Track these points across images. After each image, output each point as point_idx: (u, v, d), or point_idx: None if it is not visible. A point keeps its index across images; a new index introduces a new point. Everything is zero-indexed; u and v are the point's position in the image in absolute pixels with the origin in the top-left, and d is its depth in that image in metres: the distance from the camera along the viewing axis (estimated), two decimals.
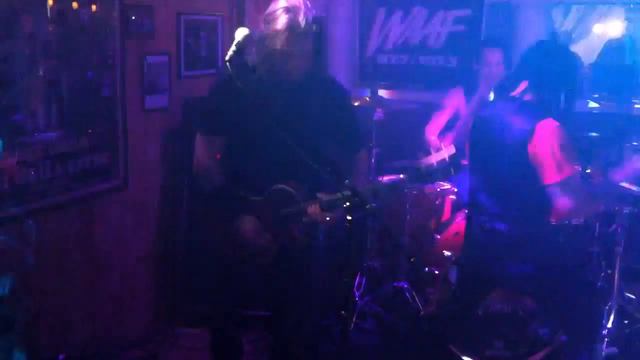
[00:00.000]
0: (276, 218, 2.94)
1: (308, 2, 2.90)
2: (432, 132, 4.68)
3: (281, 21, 2.80)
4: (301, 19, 2.80)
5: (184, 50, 3.94)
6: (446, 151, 2.59)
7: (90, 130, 3.37)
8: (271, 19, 2.83)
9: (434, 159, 2.62)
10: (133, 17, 3.54)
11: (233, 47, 2.70)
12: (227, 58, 2.66)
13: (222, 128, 3.02)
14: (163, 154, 3.88)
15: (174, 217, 3.96)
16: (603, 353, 3.78)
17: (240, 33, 2.80)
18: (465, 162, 4.61)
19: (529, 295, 3.62)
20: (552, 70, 3.05)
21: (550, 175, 2.93)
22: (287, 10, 2.81)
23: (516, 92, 3.13)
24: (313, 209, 2.87)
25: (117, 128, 3.53)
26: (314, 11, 2.88)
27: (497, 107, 3.21)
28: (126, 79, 3.55)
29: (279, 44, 2.81)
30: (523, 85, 3.11)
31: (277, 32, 2.80)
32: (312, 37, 2.88)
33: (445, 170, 2.60)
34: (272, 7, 2.87)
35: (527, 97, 3.09)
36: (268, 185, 2.96)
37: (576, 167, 3.04)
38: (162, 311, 4.03)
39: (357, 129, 3.14)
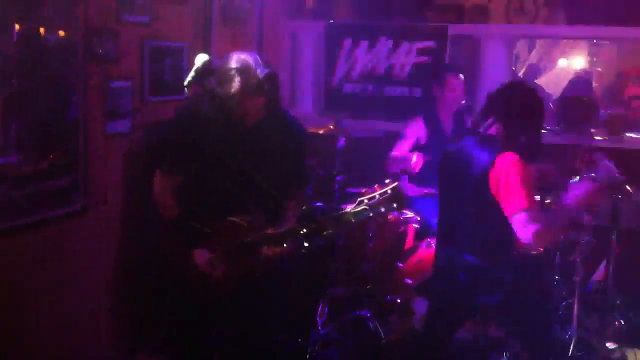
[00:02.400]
0: (229, 250, 2.98)
1: (258, 57, 3.00)
2: (396, 150, 4.71)
3: (234, 84, 2.91)
4: (252, 80, 2.92)
5: (148, 76, 3.93)
6: (390, 184, 2.62)
7: (50, 154, 3.34)
8: (224, 80, 2.92)
9: (377, 190, 2.65)
10: (97, 42, 3.53)
11: (192, 73, 2.75)
12: (185, 83, 2.71)
13: (181, 168, 3.14)
14: (124, 179, 3.85)
15: (135, 242, 3.92)
16: None
17: (200, 59, 2.86)
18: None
19: (493, 320, 3.66)
20: (517, 108, 3.16)
21: (509, 207, 2.98)
22: (239, 72, 2.91)
23: (484, 127, 3.23)
24: (266, 251, 2.92)
25: (78, 152, 3.49)
26: (264, 67, 2.99)
27: (465, 141, 3.29)
28: (89, 103, 3.52)
29: (233, 104, 2.92)
30: (487, 121, 3.21)
31: (230, 94, 2.91)
32: (264, 92, 2.99)
33: (386, 204, 2.62)
34: (224, 67, 2.95)
35: (492, 131, 3.18)
36: (223, 216, 3.00)
37: (535, 199, 3.09)
38: (123, 338, 3.96)
39: (304, 170, 3.29)
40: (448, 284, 3.29)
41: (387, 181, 2.65)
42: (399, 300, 4.19)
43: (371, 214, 2.67)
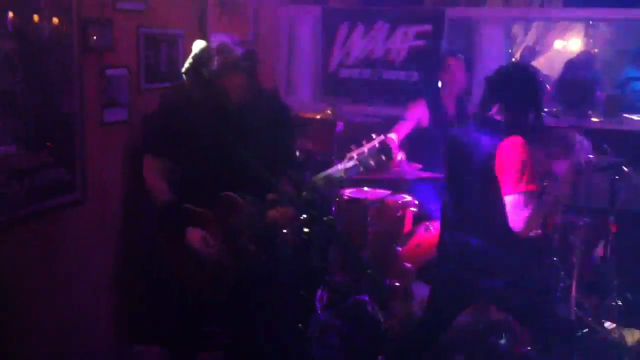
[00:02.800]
0: (225, 226, 3.00)
1: (236, 38, 3.23)
2: (397, 128, 4.72)
3: (215, 62, 3.03)
4: (229, 57, 3.06)
5: (144, 64, 3.92)
6: (377, 139, 2.65)
7: (48, 145, 3.33)
8: (205, 60, 3.05)
9: (365, 147, 2.67)
10: (92, 31, 3.51)
11: (190, 60, 2.77)
12: (183, 70, 2.72)
13: (170, 150, 3.20)
14: (123, 168, 3.85)
15: (134, 232, 3.92)
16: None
17: (197, 46, 2.87)
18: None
19: (496, 309, 3.68)
20: (520, 92, 3.19)
21: (507, 188, 3.00)
22: (217, 51, 3.06)
23: (491, 113, 3.24)
24: (273, 212, 2.96)
25: (75, 142, 3.48)
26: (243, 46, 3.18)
27: (470, 124, 3.30)
28: (85, 92, 3.51)
29: (214, 83, 3.02)
30: (496, 106, 3.23)
31: (211, 72, 3.02)
32: (243, 69, 3.14)
33: (375, 157, 2.65)
34: (206, 45, 3.09)
35: (499, 117, 3.21)
36: (215, 198, 3.03)
37: (535, 184, 3.11)
38: (122, 329, 3.98)
39: (293, 149, 3.41)
40: (453, 268, 3.30)
41: (374, 135, 2.67)
42: (398, 285, 4.21)
43: (362, 169, 2.69)
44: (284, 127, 3.33)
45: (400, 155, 4.49)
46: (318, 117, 4.57)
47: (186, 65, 2.92)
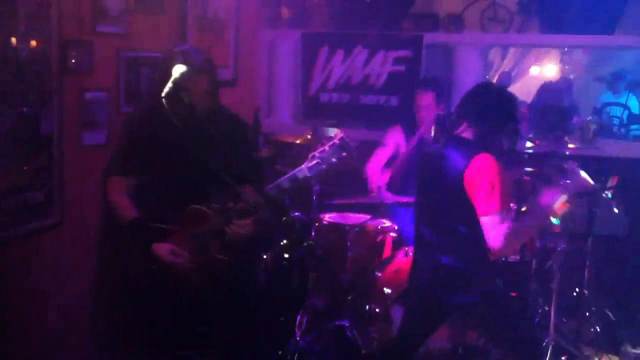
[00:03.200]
0: (193, 237, 3.00)
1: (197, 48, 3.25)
2: (373, 168, 4.74)
3: (178, 64, 3.04)
4: (193, 60, 3.07)
5: (124, 87, 3.90)
6: (336, 137, 2.73)
7: (25, 167, 3.30)
8: (169, 64, 3.09)
9: (326, 145, 2.76)
10: (71, 53, 3.50)
11: (170, 84, 2.74)
12: (163, 95, 2.70)
13: (133, 169, 3.21)
14: (101, 190, 3.81)
15: (113, 254, 3.88)
16: None
17: (178, 70, 2.84)
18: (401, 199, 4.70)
19: (472, 328, 3.67)
20: (487, 109, 3.19)
21: (482, 208, 3.01)
22: (181, 54, 3.10)
23: (459, 131, 3.24)
24: (234, 227, 2.97)
25: (53, 165, 3.45)
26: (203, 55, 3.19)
27: (440, 143, 3.31)
28: (64, 115, 3.49)
29: (179, 86, 3.02)
30: (463, 125, 3.24)
31: (176, 75, 3.03)
32: (206, 72, 3.14)
33: (336, 153, 2.76)
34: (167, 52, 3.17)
35: (466, 135, 3.21)
36: (181, 214, 3.05)
37: (509, 202, 3.12)
38: (102, 348, 3.92)
39: (253, 162, 3.39)
40: (424, 285, 3.30)
41: (333, 134, 2.75)
42: (378, 310, 4.19)
43: (324, 166, 2.81)
44: (245, 141, 3.36)
45: (378, 187, 4.55)
46: (298, 141, 4.56)
47: (166, 90, 2.91)
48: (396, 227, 4.53)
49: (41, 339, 3.49)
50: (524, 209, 3.91)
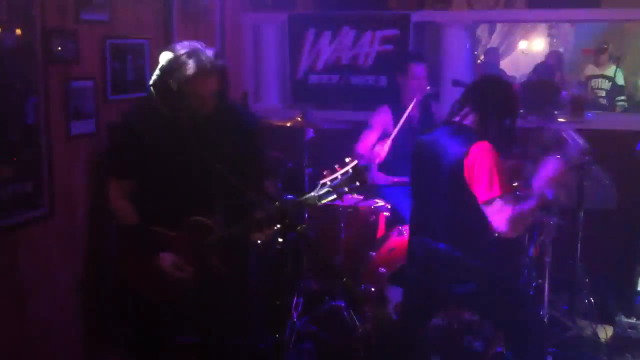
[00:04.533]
0: (197, 250, 2.95)
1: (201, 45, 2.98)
2: (362, 149, 4.73)
3: (189, 66, 2.85)
4: (205, 59, 2.87)
5: (110, 75, 3.87)
6: (350, 165, 2.62)
7: (14, 159, 3.27)
8: (176, 66, 2.86)
9: (338, 171, 2.65)
10: (56, 42, 3.46)
11: (157, 72, 2.70)
12: (150, 82, 2.65)
13: (133, 171, 3.08)
14: (91, 180, 3.79)
15: (103, 245, 3.87)
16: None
17: (164, 57, 2.80)
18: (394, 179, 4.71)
19: (469, 311, 3.70)
20: (497, 103, 3.23)
21: (483, 195, 3.02)
22: (190, 54, 2.87)
23: (459, 117, 3.27)
24: (258, 235, 2.90)
25: (41, 156, 3.43)
26: (209, 49, 2.96)
27: (438, 130, 3.31)
28: (50, 105, 3.46)
29: (189, 89, 2.85)
30: (463, 111, 3.26)
31: (185, 78, 2.84)
32: (219, 73, 2.95)
33: (349, 183, 2.62)
34: (173, 55, 2.90)
35: (467, 122, 3.23)
36: (182, 218, 2.97)
37: (508, 186, 3.13)
38: (92, 341, 3.92)
39: (263, 158, 3.28)
40: (422, 273, 3.31)
41: (347, 160, 2.64)
42: (373, 289, 4.21)
43: (335, 196, 2.65)
44: (253, 136, 3.23)
45: (385, 147, 4.51)
46: (288, 124, 4.55)
47: (153, 77, 2.83)
48: (389, 207, 4.53)
49: (29, 331, 3.48)
50: (515, 184, 3.90)
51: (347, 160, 2.63)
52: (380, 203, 4.53)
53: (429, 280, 3.26)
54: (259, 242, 2.87)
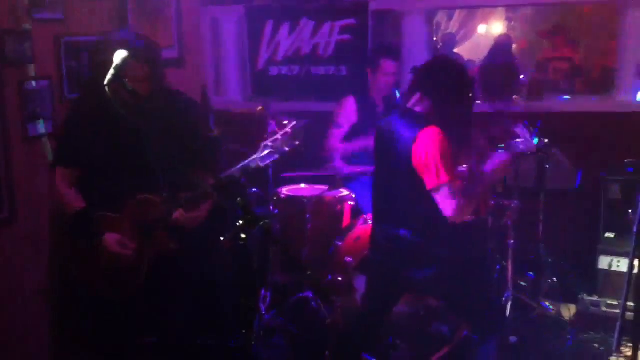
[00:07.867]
0: (142, 227, 2.97)
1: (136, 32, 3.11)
2: (334, 142, 4.72)
3: (116, 49, 2.90)
4: (132, 47, 2.93)
5: (66, 74, 3.82)
6: (289, 125, 2.71)
7: None
8: (103, 50, 2.95)
9: (278, 134, 2.75)
10: (9, 42, 3.41)
11: (112, 71, 2.67)
12: (105, 82, 2.63)
13: (76, 159, 3.13)
14: (51, 182, 3.74)
15: (63, 245, 3.83)
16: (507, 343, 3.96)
17: (119, 56, 2.77)
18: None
19: (432, 297, 3.73)
20: (444, 83, 3.18)
21: (430, 181, 3.05)
22: (117, 42, 2.95)
23: (411, 103, 3.25)
24: (178, 214, 2.99)
25: None
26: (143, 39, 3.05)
27: (391, 116, 3.32)
28: (6, 106, 3.41)
29: (117, 73, 2.89)
30: (415, 97, 3.24)
31: (112, 63, 2.88)
32: (145, 59, 3.00)
33: (289, 142, 2.72)
34: (104, 38, 3.02)
35: (418, 108, 3.22)
36: (127, 201, 3.04)
37: (456, 172, 3.16)
38: (61, 346, 3.88)
39: (206, 142, 3.38)
40: (384, 259, 3.34)
41: (285, 122, 2.72)
42: (340, 279, 4.23)
43: (276, 155, 2.79)
44: (195, 121, 3.31)
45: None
46: (249, 117, 4.53)
47: (109, 76, 2.83)
48: (354, 196, 4.56)
49: None
50: (464, 166, 3.90)
51: (284, 122, 2.71)
52: (345, 192, 4.55)
53: (391, 266, 3.29)
54: (221, 239, 2.88)
